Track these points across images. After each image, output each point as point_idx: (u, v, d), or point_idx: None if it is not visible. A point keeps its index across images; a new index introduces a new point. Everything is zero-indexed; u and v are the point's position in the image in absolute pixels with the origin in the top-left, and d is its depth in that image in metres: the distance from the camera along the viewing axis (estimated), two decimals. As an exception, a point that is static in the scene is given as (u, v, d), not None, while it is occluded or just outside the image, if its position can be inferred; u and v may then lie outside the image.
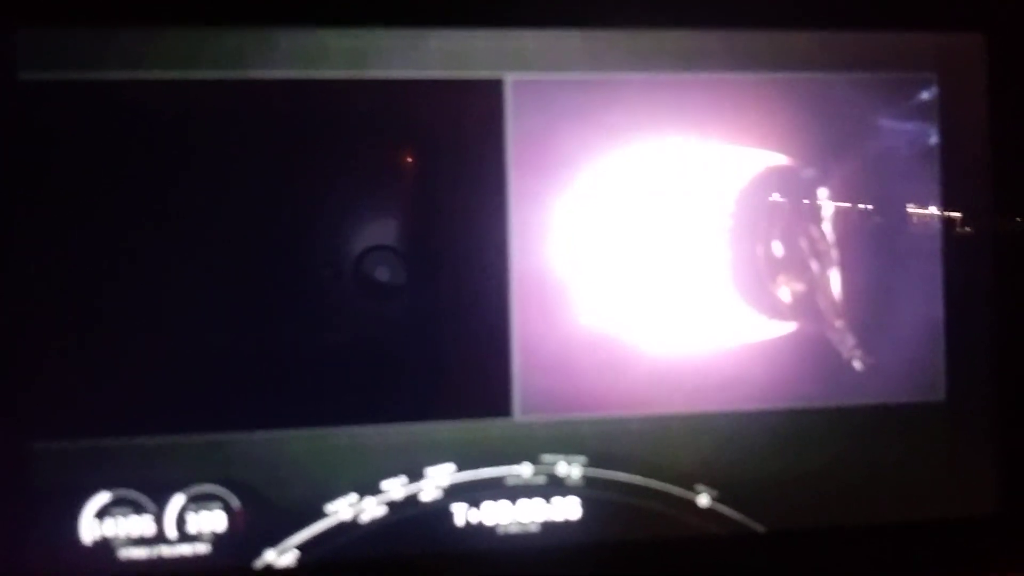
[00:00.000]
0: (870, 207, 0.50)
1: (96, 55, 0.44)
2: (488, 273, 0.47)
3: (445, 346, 0.47)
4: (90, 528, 0.44)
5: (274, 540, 0.46)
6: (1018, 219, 0.50)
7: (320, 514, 0.46)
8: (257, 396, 0.45)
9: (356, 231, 0.47)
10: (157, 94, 0.45)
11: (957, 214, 0.50)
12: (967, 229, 0.50)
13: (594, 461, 0.48)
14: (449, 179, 0.47)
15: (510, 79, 0.47)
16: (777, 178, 0.49)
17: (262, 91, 0.45)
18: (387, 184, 0.47)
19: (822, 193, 0.49)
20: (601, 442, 0.48)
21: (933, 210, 0.50)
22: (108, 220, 0.44)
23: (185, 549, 0.45)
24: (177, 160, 0.45)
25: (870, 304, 0.50)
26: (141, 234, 0.45)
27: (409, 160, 0.47)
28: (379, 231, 0.47)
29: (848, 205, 0.50)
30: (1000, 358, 0.50)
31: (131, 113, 0.45)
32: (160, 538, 0.45)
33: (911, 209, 0.50)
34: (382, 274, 0.47)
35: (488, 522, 0.47)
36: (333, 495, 0.46)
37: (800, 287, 0.49)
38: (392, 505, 0.46)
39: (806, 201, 0.49)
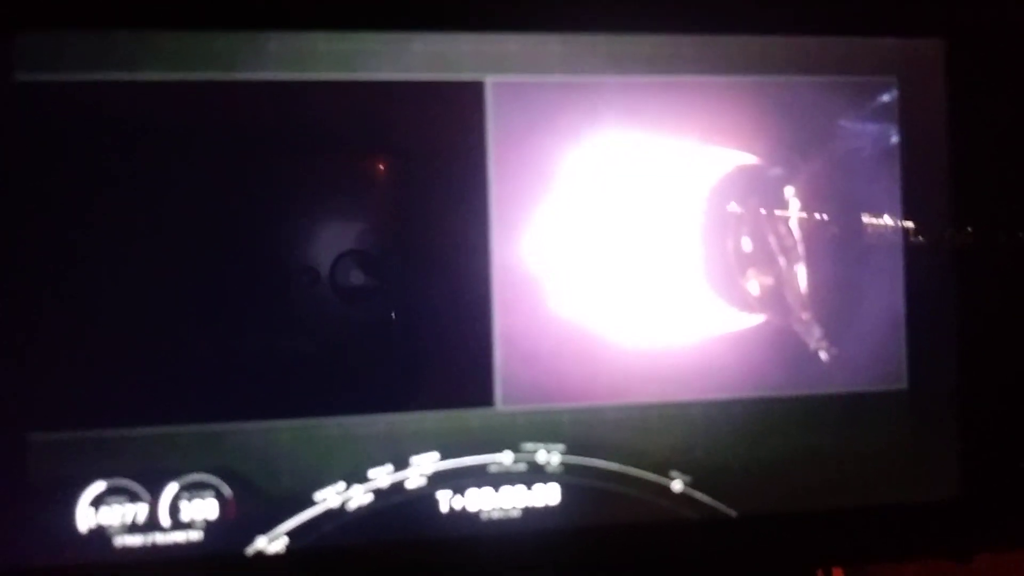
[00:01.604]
0: (835, 205, 0.51)
1: (92, 57, 0.45)
2: (470, 270, 0.48)
3: (430, 340, 0.48)
4: (85, 517, 0.45)
5: (265, 527, 0.47)
6: (975, 216, 0.52)
7: (309, 502, 0.47)
8: (249, 388, 0.46)
9: (341, 231, 0.48)
10: (150, 96, 0.46)
11: (918, 211, 0.52)
12: (927, 226, 0.52)
13: (573, 449, 0.49)
14: (432, 178, 0.48)
15: (491, 81, 0.48)
16: (746, 177, 0.50)
17: (251, 92, 0.46)
18: (371, 182, 0.48)
19: (789, 191, 0.51)
20: (579, 430, 0.49)
21: (895, 207, 0.52)
22: (102, 218, 0.45)
23: (178, 536, 0.46)
24: (172, 160, 0.46)
25: (835, 297, 0.51)
26: (134, 232, 0.45)
27: (392, 160, 0.48)
28: (364, 230, 0.48)
29: (813, 203, 0.51)
30: (960, 348, 0.52)
31: (126, 114, 0.45)
32: (154, 526, 0.46)
33: (874, 206, 0.52)
34: (367, 272, 0.48)
35: (471, 508, 0.48)
36: (322, 483, 0.47)
37: (768, 281, 0.51)
38: (378, 493, 0.47)
39: (774, 199, 0.51)
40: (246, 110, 0.46)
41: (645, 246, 0.50)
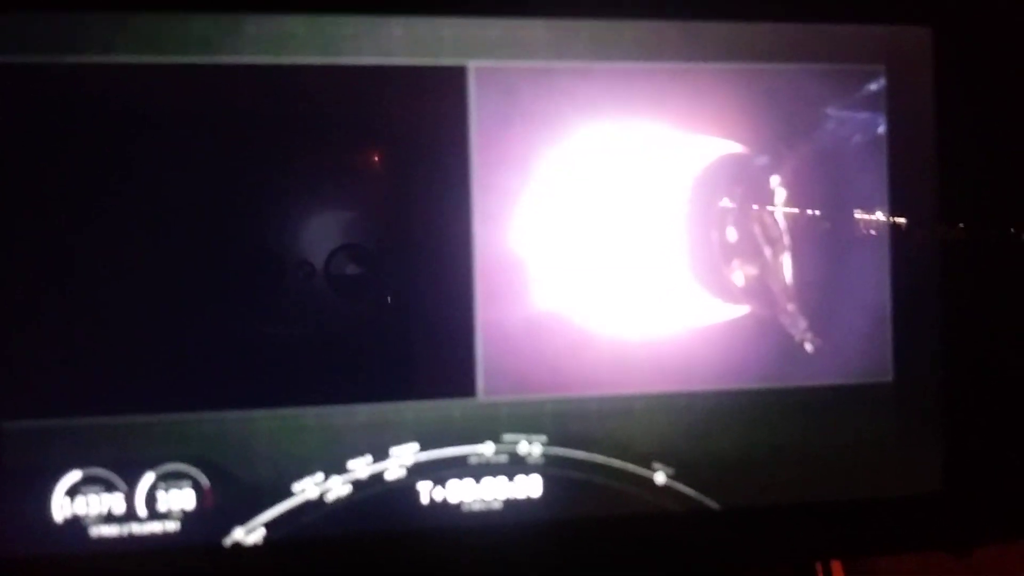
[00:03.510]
0: (820, 195, 0.51)
1: (65, 39, 0.44)
2: (452, 258, 0.48)
3: (411, 329, 0.48)
4: (61, 506, 0.45)
5: (242, 518, 0.46)
6: (963, 208, 0.52)
7: (287, 493, 0.46)
8: (227, 377, 0.46)
9: (321, 219, 0.47)
10: (125, 79, 0.45)
11: (904, 203, 0.51)
12: (914, 217, 0.51)
13: (555, 440, 0.49)
14: (413, 165, 0.48)
15: (473, 66, 0.48)
16: (731, 166, 0.50)
17: (229, 76, 0.46)
18: (351, 170, 0.48)
19: (774, 181, 0.50)
20: (562, 421, 0.49)
21: (881, 198, 0.51)
22: (76, 204, 0.45)
23: (155, 527, 0.46)
24: (149, 146, 0.45)
25: (820, 288, 0.51)
26: (112, 219, 0.45)
27: (372, 146, 0.48)
28: (343, 219, 0.47)
29: (799, 193, 0.51)
30: (945, 340, 0.52)
31: (102, 99, 0.45)
32: (130, 516, 0.45)
33: (860, 197, 0.51)
34: (347, 262, 0.47)
35: (451, 500, 0.48)
36: (300, 474, 0.47)
37: (753, 271, 0.50)
38: (357, 484, 0.47)
39: (759, 189, 0.50)
40: (224, 95, 0.46)
41: (629, 236, 0.49)
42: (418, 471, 0.48)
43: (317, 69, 0.46)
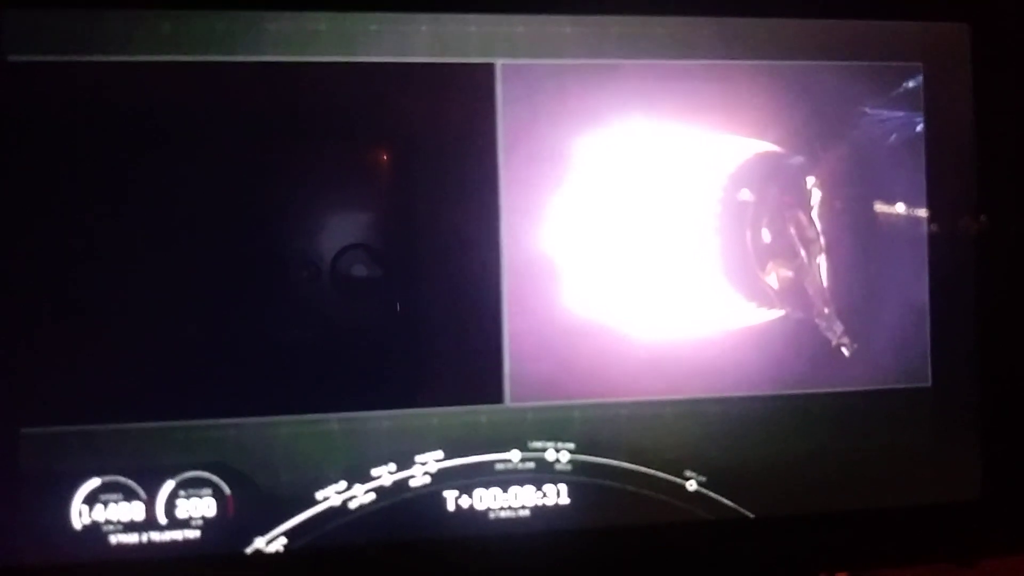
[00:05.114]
0: (857, 195, 0.50)
1: (84, 37, 0.44)
2: (480, 261, 0.47)
3: (437, 334, 0.47)
4: (80, 514, 0.44)
5: (264, 527, 0.46)
6: (1002, 208, 0.51)
7: (310, 501, 0.46)
8: (248, 383, 0.45)
9: (346, 222, 0.47)
10: (144, 77, 0.44)
11: (942, 202, 0.50)
12: (952, 217, 0.50)
13: (583, 448, 0.48)
14: (441, 164, 0.47)
15: (501, 64, 0.47)
16: (765, 165, 0.49)
17: (252, 74, 0.45)
18: (377, 171, 0.47)
19: (810, 181, 0.50)
20: (590, 428, 0.48)
21: (919, 198, 0.50)
22: (97, 209, 0.44)
23: (175, 535, 0.45)
24: (169, 148, 0.45)
25: (857, 291, 0.50)
26: (131, 224, 0.44)
27: (399, 148, 0.47)
28: (370, 221, 0.47)
29: (835, 193, 0.50)
30: (984, 344, 0.51)
31: (121, 98, 0.44)
32: (150, 524, 0.45)
33: (897, 197, 0.50)
34: (373, 265, 0.46)
35: (477, 507, 0.47)
36: (323, 482, 0.46)
37: (788, 274, 0.50)
38: (381, 491, 0.46)
39: (794, 189, 0.49)
40: (247, 94, 0.45)
41: (660, 237, 0.48)
42: (443, 478, 0.47)
43: (340, 67, 0.46)
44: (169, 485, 0.45)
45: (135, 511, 0.45)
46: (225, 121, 0.45)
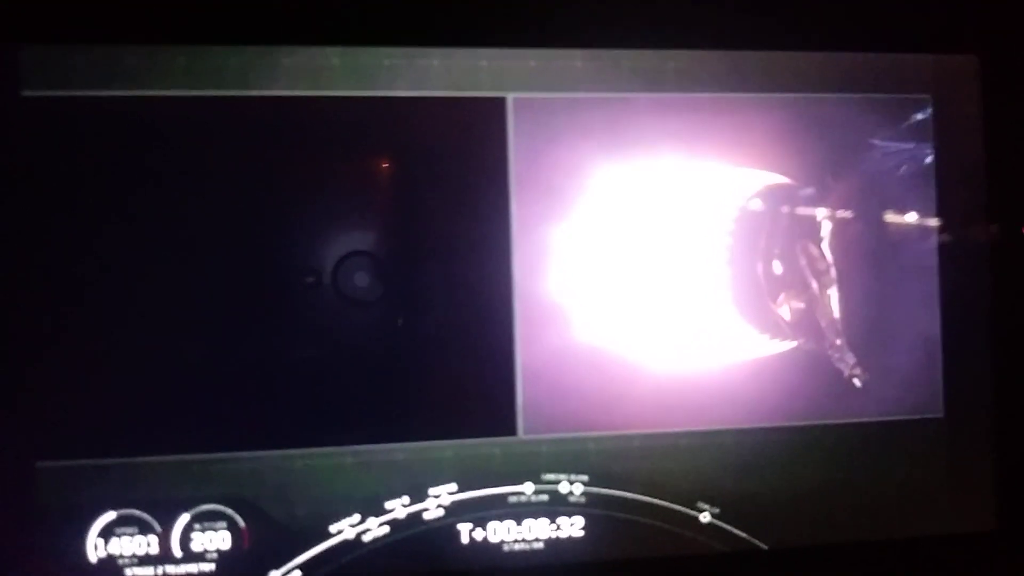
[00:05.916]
0: (868, 226, 0.50)
1: (99, 72, 0.44)
2: (492, 293, 0.47)
3: (451, 367, 0.47)
4: (96, 547, 0.44)
5: (278, 560, 0.46)
6: (1014, 239, 0.51)
7: (324, 534, 0.46)
8: (262, 416, 0.45)
9: (360, 251, 0.47)
10: (159, 111, 0.45)
11: (953, 232, 0.50)
12: (963, 247, 0.50)
13: (596, 480, 0.48)
14: (453, 198, 0.47)
15: (512, 98, 0.47)
16: (776, 197, 0.49)
17: (266, 108, 0.45)
18: (392, 202, 0.47)
19: (821, 212, 0.50)
20: (603, 460, 0.48)
21: (929, 228, 0.50)
22: (110, 240, 0.44)
23: (190, 568, 0.45)
24: (184, 182, 0.45)
25: (869, 322, 0.50)
26: (142, 255, 0.45)
27: (413, 179, 0.47)
28: (385, 253, 0.47)
29: (846, 224, 0.50)
30: (997, 374, 0.51)
31: (134, 132, 0.45)
32: (165, 557, 0.45)
33: (908, 228, 0.50)
34: (387, 299, 0.47)
35: (491, 540, 0.47)
36: (337, 515, 0.46)
37: (800, 305, 0.50)
38: (395, 524, 0.46)
39: (805, 220, 0.50)
40: (261, 127, 0.46)
41: (672, 270, 0.49)
42: (457, 511, 0.47)
43: (353, 101, 0.46)
44: (184, 518, 0.45)
45: (150, 544, 0.45)
46: (239, 155, 0.46)
